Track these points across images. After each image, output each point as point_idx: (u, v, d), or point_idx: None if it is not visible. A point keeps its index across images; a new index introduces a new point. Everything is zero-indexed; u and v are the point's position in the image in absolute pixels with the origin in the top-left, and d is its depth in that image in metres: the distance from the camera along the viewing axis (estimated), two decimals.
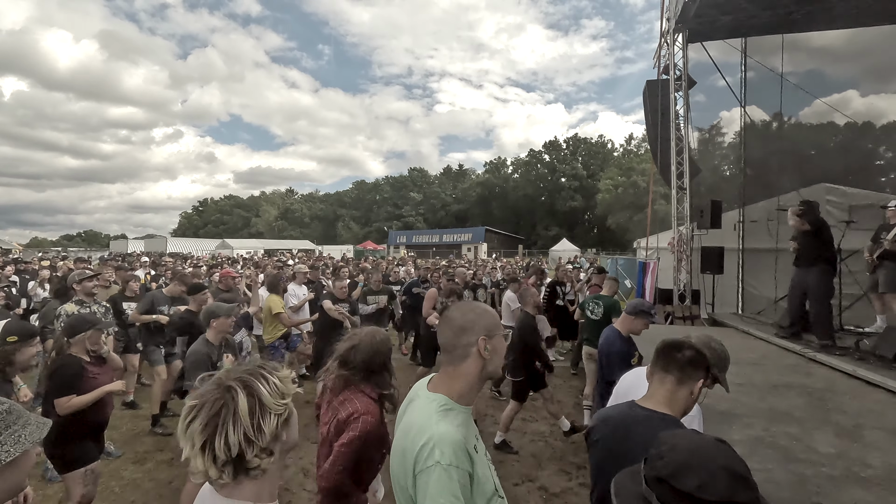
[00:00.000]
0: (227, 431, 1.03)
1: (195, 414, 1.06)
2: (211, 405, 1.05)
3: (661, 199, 22.68)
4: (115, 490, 3.98)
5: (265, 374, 1.14)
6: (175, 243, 45.50)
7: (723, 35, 8.57)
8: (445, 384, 1.38)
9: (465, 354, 1.36)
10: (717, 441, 0.96)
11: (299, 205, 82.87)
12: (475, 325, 1.37)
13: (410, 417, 1.37)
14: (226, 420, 1.04)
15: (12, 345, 2.57)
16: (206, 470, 1.03)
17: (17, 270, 8.32)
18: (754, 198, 8.61)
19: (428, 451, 1.20)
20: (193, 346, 3.48)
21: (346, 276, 8.43)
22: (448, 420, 1.28)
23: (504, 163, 66.68)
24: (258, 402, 1.08)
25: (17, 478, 1.11)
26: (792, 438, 2.77)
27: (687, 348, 1.71)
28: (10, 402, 1.14)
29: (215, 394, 1.07)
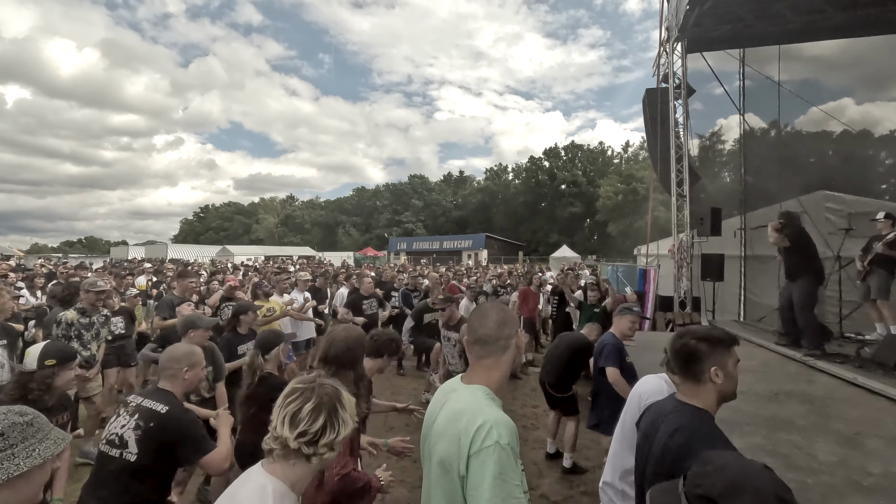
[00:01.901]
0: (324, 414, 1.32)
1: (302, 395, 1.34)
2: (318, 390, 1.36)
3: (660, 206, 22.72)
4: None
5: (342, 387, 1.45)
6: (176, 249, 45.50)
7: (721, 45, 8.65)
8: (483, 376, 1.46)
9: (506, 346, 1.46)
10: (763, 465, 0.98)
11: (300, 211, 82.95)
12: (512, 319, 1.51)
13: (455, 405, 1.40)
14: (327, 405, 1.33)
15: (51, 368, 2.39)
16: (286, 438, 1.27)
17: (23, 277, 8.34)
18: (755, 205, 8.64)
19: (486, 432, 1.24)
20: None
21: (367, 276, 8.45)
22: (498, 407, 1.36)
23: (504, 169, 66.88)
24: (347, 406, 1.39)
25: (28, 491, 1.12)
26: (793, 446, 2.78)
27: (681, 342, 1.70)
28: (34, 415, 1.16)
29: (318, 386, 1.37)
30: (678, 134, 8.39)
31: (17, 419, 1.11)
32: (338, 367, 2.21)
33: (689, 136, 8.59)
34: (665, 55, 8.59)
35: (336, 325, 2.48)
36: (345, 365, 2.24)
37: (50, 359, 2.41)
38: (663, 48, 8.66)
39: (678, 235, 8.31)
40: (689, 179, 8.33)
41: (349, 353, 2.27)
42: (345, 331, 2.36)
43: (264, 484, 1.25)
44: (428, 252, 48.03)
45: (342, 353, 2.25)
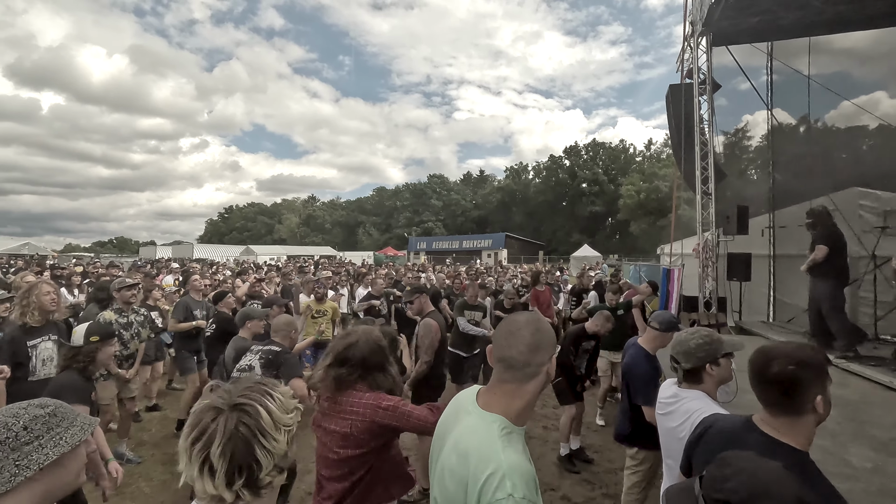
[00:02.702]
0: (248, 450, 1.01)
1: (204, 434, 1.01)
2: (225, 424, 1.02)
3: (684, 204, 22.24)
4: (146, 491, 4.09)
5: (268, 389, 1.13)
6: (201, 249, 46.57)
7: (748, 38, 8.41)
8: (502, 403, 1.29)
9: (535, 374, 1.28)
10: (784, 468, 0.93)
11: (321, 211, 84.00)
12: (547, 342, 1.30)
13: (465, 439, 1.27)
14: (245, 438, 1.02)
15: (95, 344, 2.80)
16: (218, 493, 1.00)
17: (54, 276, 8.64)
18: (784, 202, 8.39)
19: (497, 482, 1.12)
20: (238, 344, 3.77)
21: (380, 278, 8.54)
22: (513, 446, 1.20)
23: (525, 168, 66.45)
24: (272, 418, 1.07)
25: (66, 476, 1.16)
26: (825, 452, 2.69)
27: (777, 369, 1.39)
28: (56, 405, 1.19)
29: (227, 412, 1.04)
30: (703, 130, 8.20)
31: (39, 412, 1.14)
32: (364, 369, 2.10)
33: (714, 132, 8.39)
34: (689, 50, 8.40)
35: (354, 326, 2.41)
36: (374, 367, 2.13)
37: (94, 335, 2.82)
38: (687, 43, 8.47)
39: (703, 234, 8.12)
40: (715, 177, 8.13)
41: (380, 353, 2.16)
42: (365, 332, 2.24)
43: None
44: (447, 252, 48.06)
45: (370, 355, 2.12)
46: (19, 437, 1.08)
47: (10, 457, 1.06)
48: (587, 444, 4.97)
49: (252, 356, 3.29)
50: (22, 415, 1.12)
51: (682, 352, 2.15)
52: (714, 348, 2.10)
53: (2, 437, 1.07)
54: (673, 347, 2.26)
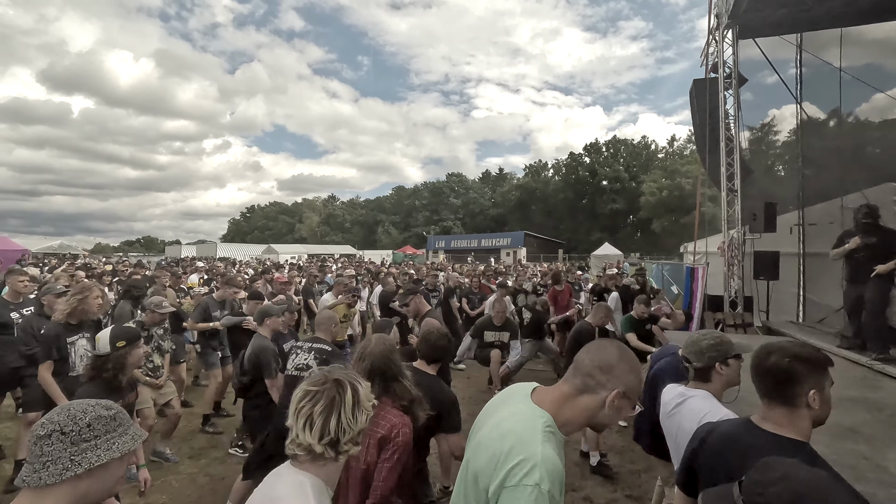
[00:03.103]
0: (340, 415, 1.32)
1: (313, 398, 1.33)
2: (328, 392, 1.34)
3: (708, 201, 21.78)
4: (174, 484, 4.19)
5: (359, 379, 1.45)
6: (224, 248, 47.50)
7: (776, 30, 8.19)
8: (555, 403, 1.32)
9: (593, 390, 1.29)
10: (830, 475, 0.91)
11: (341, 210, 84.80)
12: (623, 376, 1.30)
13: (509, 422, 1.31)
14: (340, 406, 1.33)
15: (123, 349, 2.68)
16: (311, 444, 1.28)
17: (87, 276, 8.93)
18: (814, 199, 8.15)
19: (529, 469, 1.14)
20: (258, 343, 3.78)
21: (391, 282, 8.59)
22: (552, 445, 1.22)
23: (544, 166, 65.87)
24: (359, 399, 1.38)
25: (107, 482, 1.19)
26: (860, 457, 2.60)
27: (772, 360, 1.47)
28: (118, 409, 1.24)
29: (330, 384, 1.36)
30: (728, 126, 8.02)
31: (104, 412, 1.18)
32: (385, 381, 2.15)
33: (739, 127, 8.19)
34: (714, 44, 8.22)
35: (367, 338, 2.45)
36: (392, 377, 2.19)
37: (120, 341, 2.69)
38: (712, 36, 8.29)
39: (729, 232, 7.94)
40: (741, 173, 7.94)
41: (393, 365, 2.22)
42: (379, 343, 2.30)
43: (301, 480, 1.27)
44: (466, 250, 48.01)
45: (386, 366, 2.19)
46: (82, 434, 1.12)
47: (69, 450, 1.10)
48: (609, 446, 4.91)
49: (306, 355, 3.46)
50: (90, 412, 1.16)
51: (693, 351, 2.22)
52: (724, 349, 2.16)
53: (67, 428, 1.11)
54: (685, 346, 2.32)
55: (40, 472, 1.07)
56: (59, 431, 1.10)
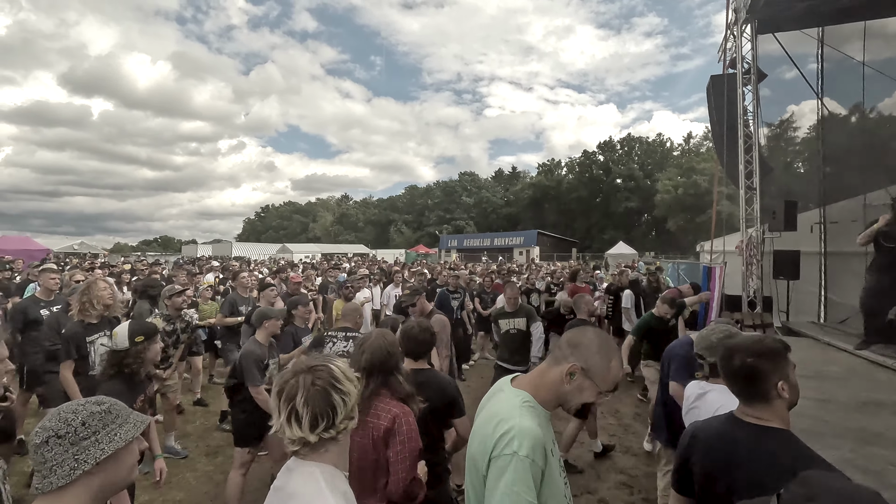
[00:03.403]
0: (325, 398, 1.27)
1: (290, 391, 1.27)
2: (303, 381, 1.28)
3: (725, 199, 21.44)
4: (191, 482, 4.25)
5: (331, 359, 1.39)
6: (239, 248, 48.04)
7: (797, 24, 8.00)
8: (532, 382, 1.44)
9: (560, 362, 1.39)
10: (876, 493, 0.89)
11: (354, 210, 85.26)
12: (587, 352, 1.37)
13: (493, 408, 1.42)
14: (322, 389, 1.28)
15: (141, 344, 2.70)
16: (304, 437, 1.24)
17: (107, 274, 9.09)
18: (835, 197, 7.96)
19: (507, 440, 1.25)
20: (247, 346, 3.69)
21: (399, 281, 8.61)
22: (530, 415, 1.32)
23: (558, 164, 65.38)
24: (338, 375, 1.33)
25: (121, 472, 1.20)
26: (886, 462, 2.53)
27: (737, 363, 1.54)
28: (111, 402, 1.24)
29: (303, 373, 1.30)
30: (747, 122, 7.86)
31: (95, 408, 1.19)
32: (384, 374, 2.14)
33: (758, 124, 8.03)
34: (732, 39, 8.06)
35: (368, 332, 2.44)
36: (389, 370, 2.17)
37: (139, 335, 2.71)
38: (730, 31, 8.13)
39: (747, 230, 7.79)
40: (760, 171, 7.78)
41: (392, 359, 2.21)
42: (379, 337, 2.28)
43: (311, 471, 1.27)
44: (479, 249, 47.92)
45: (385, 360, 2.18)
46: (78, 433, 1.13)
47: (70, 451, 1.11)
48: (626, 447, 4.86)
49: (344, 343, 3.74)
50: (80, 411, 1.17)
51: (705, 347, 2.33)
52: None
53: (62, 431, 1.12)
54: (697, 343, 2.41)
55: (49, 477, 1.09)
56: (55, 436, 1.11)
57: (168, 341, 4.79)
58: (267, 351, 3.71)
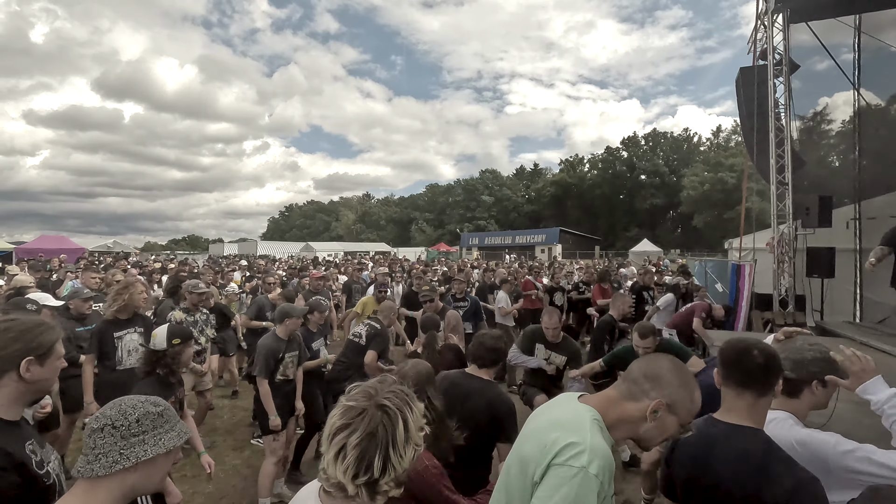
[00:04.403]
0: (379, 452, 1.05)
1: (349, 425, 1.07)
2: (368, 422, 1.07)
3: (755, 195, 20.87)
4: (220, 475, 4.34)
5: (410, 401, 1.16)
6: (264, 246, 48.96)
7: (829, 12, 7.70)
8: (601, 405, 1.30)
9: (636, 398, 1.27)
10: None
11: (376, 209, 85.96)
12: (669, 387, 1.26)
13: (557, 415, 1.32)
14: (381, 441, 1.06)
15: (178, 346, 2.81)
16: (343, 483, 1.05)
17: (138, 273, 9.40)
18: (872, 191, 7.64)
19: (576, 452, 1.14)
20: (264, 339, 3.83)
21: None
22: (601, 435, 1.22)
23: (580, 161, 64.62)
24: (408, 431, 1.10)
25: (154, 476, 1.23)
26: None
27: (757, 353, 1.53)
28: (166, 406, 1.28)
29: (373, 409, 1.09)
30: (778, 115, 7.61)
31: (152, 409, 1.23)
32: None
33: (790, 116, 7.76)
34: (763, 29, 7.82)
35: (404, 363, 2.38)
36: None
37: (176, 338, 2.83)
38: (760, 21, 7.89)
39: (779, 227, 7.55)
40: (792, 165, 7.53)
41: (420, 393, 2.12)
42: (413, 367, 2.21)
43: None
44: (500, 247, 47.73)
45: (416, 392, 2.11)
46: (131, 428, 1.17)
47: (119, 444, 1.15)
48: None
49: (363, 327, 4.34)
50: (139, 407, 1.21)
51: (794, 359, 1.89)
52: (830, 369, 1.86)
53: (119, 423, 1.16)
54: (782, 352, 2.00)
55: (93, 463, 1.13)
56: (111, 426, 1.15)
57: (194, 332, 4.88)
58: (285, 345, 3.84)
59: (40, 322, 1.57)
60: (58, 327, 1.62)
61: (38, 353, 1.47)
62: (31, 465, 1.40)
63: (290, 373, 3.89)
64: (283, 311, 3.95)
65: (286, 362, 3.83)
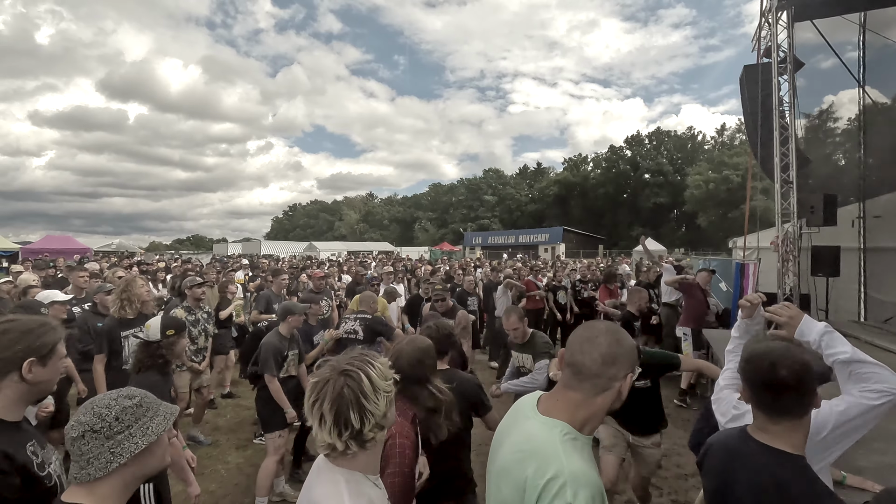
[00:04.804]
0: (351, 408, 1.22)
1: (319, 395, 1.24)
2: (334, 386, 1.24)
3: (759, 193, 20.76)
4: (222, 473, 4.36)
5: (370, 360, 1.33)
6: (268, 246, 49.05)
7: (834, 9, 7.64)
8: (566, 410, 1.22)
9: (606, 387, 1.20)
10: None
11: (379, 208, 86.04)
12: (627, 358, 1.22)
13: (523, 441, 1.23)
14: (350, 399, 1.23)
15: (172, 337, 2.83)
16: (332, 443, 1.22)
17: (142, 271, 9.43)
18: (877, 190, 7.59)
19: (558, 489, 1.05)
20: (267, 337, 3.86)
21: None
22: (578, 453, 1.14)
23: (584, 160, 64.43)
24: (372, 383, 1.27)
25: (154, 462, 1.24)
26: None
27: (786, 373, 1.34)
28: (142, 396, 1.27)
29: (335, 377, 1.26)
30: (783, 113, 7.56)
31: (127, 403, 1.21)
32: (406, 383, 2.00)
33: (795, 114, 7.71)
34: (767, 27, 7.76)
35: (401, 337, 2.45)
36: (414, 381, 2.07)
37: (170, 329, 2.85)
38: (765, 19, 7.83)
39: (783, 226, 7.51)
40: (797, 163, 7.48)
41: (419, 367, 2.10)
42: (410, 343, 2.21)
43: (336, 478, 1.26)
44: (503, 246, 47.68)
45: (412, 368, 2.07)
46: (112, 428, 1.16)
47: (106, 445, 1.14)
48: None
49: (353, 322, 4.50)
50: (113, 406, 1.19)
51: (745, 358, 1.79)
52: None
53: (97, 426, 1.15)
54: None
55: (87, 468, 1.12)
56: (91, 430, 1.14)
57: (193, 331, 4.90)
58: (287, 343, 3.88)
59: (42, 322, 1.57)
60: (59, 328, 1.61)
61: (39, 354, 1.47)
62: (33, 467, 1.39)
63: (292, 370, 3.93)
64: (286, 309, 3.99)
65: (289, 360, 3.86)
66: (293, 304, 4.09)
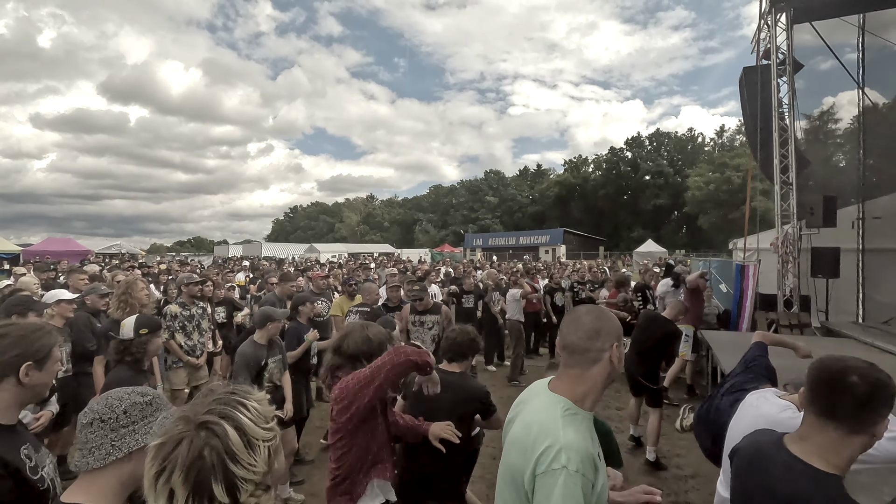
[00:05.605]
0: (215, 477, 0.86)
1: (167, 462, 0.86)
2: (189, 447, 0.87)
3: (759, 195, 20.76)
4: None
5: (241, 399, 0.97)
6: (269, 248, 48.97)
7: (834, 11, 7.67)
8: (568, 387, 1.36)
9: (597, 359, 1.34)
10: None
11: (379, 210, 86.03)
12: (610, 330, 1.36)
13: (531, 415, 1.37)
14: (212, 463, 0.87)
15: (145, 336, 2.78)
16: None
17: (143, 274, 9.44)
18: (878, 191, 7.61)
19: (554, 454, 1.19)
20: (242, 346, 3.62)
21: None
22: (574, 426, 1.27)
23: (584, 161, 64.42)
24: (245, 435, 0.91)
25: None
26: None
27: (858, 379, 1.23)
28: (154, 395, 1.29)
29: (191, 433, 0.88)
30: (782, 115, 7.59)
31: (138, 399, 1.24)
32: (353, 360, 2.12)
33: (794, 116, 7.73)
34: (766, 28, 7.80)
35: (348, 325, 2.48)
36: (361, 359, 2.11)
37: (143, 328, 2.81)
38: (764, 21, 7.86)
39: (783, 227, 7.53)
40: (796, 165, 7.50)
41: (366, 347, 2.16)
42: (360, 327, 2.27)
43: None
44: (504, 248, 47.68)
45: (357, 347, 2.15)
46: (119, 420, 1.19)
47: (109, 436, 1.18)
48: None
49: (353, 316, 4.51)
50: (125, 399, 1.23)
51: None
52: None
53: (106, 416, 1.18)
54: None
55: (87, 457, 1.16)
56: (99, 419, 1.18)
57: (189, 326, 4.85)
58: (265, 351, 3.65)
59: (38, 327, 1.59)
60: (55, 331, 1.64)
61: (36, 358, 1.48)
62: (25, 470, 1.40)
63: (276, 379, 3.73)
64: (264, 315, 3.72)
65: (270, 368, 3.65)
66: (273, 311, 3.84)
